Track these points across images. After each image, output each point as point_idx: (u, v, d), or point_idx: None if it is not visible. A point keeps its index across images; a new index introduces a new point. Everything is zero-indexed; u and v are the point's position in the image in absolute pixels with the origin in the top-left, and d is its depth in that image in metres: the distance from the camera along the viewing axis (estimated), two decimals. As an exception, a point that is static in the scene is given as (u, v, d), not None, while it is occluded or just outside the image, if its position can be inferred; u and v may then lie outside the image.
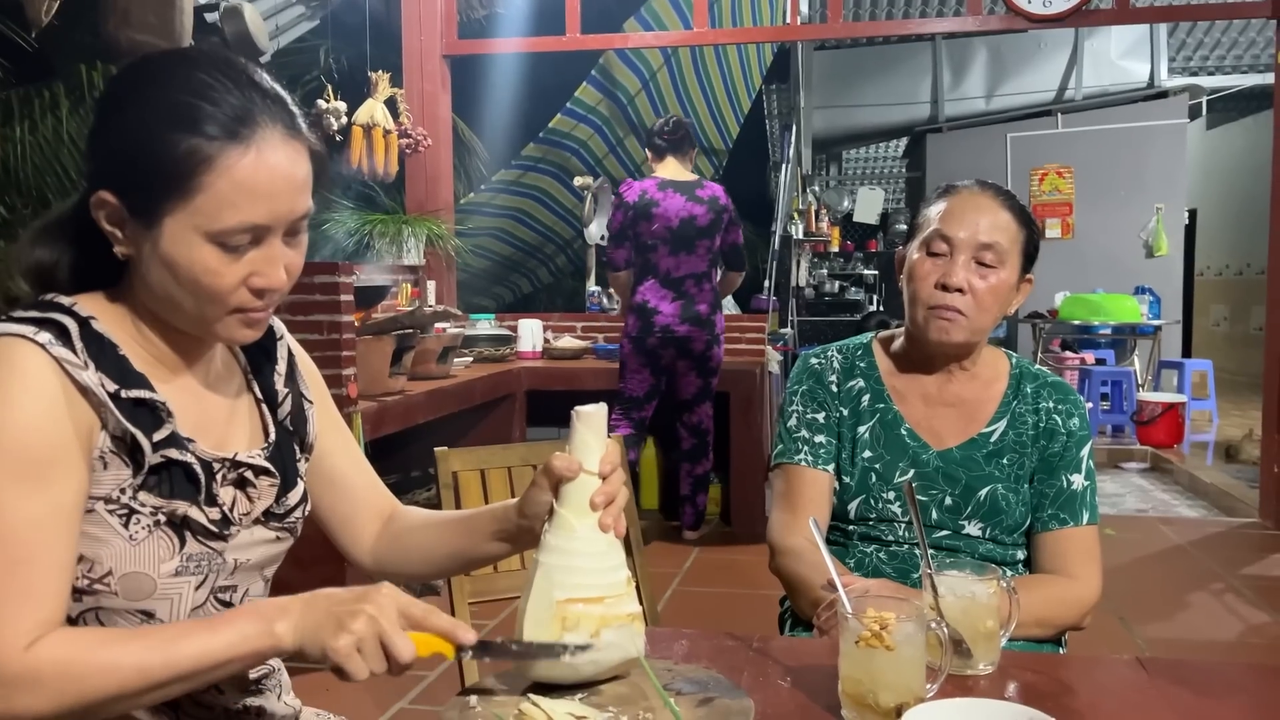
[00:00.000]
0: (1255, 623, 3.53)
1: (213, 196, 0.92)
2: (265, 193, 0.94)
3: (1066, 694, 1.12)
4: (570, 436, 1.04)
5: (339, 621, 0.91)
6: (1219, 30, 9.48)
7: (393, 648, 0.91)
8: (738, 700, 1.00)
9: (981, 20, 5.20)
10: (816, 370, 1.65)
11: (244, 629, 0.92)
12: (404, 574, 1.23)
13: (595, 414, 1.04)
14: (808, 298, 9.93)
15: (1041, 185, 9.31)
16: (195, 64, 0.96)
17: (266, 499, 1.07)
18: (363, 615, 0.91)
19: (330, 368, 3.02)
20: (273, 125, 0.95)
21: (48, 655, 0.88)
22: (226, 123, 0.93)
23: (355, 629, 0.91)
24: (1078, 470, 1.56)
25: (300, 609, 0.93)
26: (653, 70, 7.31)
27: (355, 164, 4.90)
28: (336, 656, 0.90)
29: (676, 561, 4.19)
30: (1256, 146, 7.96)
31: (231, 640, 0.92)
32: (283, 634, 0.92)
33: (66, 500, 0.92)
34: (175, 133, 0.92)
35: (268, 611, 0.94)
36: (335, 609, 0.92)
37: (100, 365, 0.95)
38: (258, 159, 0.93)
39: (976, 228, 1.52)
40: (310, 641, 0.92)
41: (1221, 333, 11.57)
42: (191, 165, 0.92)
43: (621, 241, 4.30)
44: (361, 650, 0.91)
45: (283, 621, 0.93)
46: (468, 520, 1.18)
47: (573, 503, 1.02)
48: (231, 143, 0.92)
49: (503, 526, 1.12)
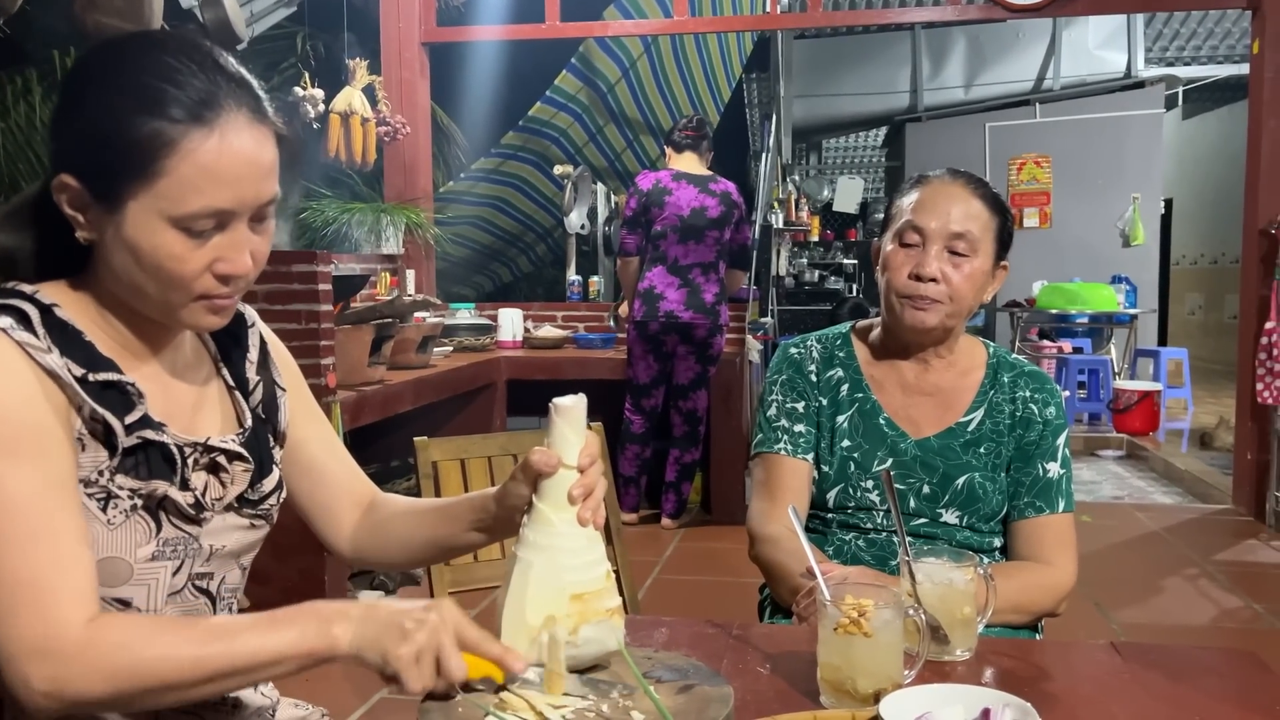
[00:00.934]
0: (1228, 607, 3.58)
1: (176, 180, 0.91)
2: (229, 177, 0.93)
3: (1042, 679, 1.13)
4: (548, 429, 1.03)
5: (403, 631, 0.91)
6: (1195, 20, 9.54)
7: (447, 664, 0.91)
8: (717, 687, 1.00)
9: (960, 10, 5.21)
10: (796, 360, 1.66)
11: (304, 627, 0.92)
12: (383, 562, 1.23)
13: (573, 406, 1.03)
14: (788, 287, 9.94)
15: (1020, 174, 9.36)
16: (160, 47, 0.95)
17: (240, 484, 1.06)
18: (427, 626, 0.91)
19: (309, 357, 3.00)
20: (238, 109, 0.94)
21: (107, 634, 0.88)
22: (191, 106, 0.91)
23: (419, 639, 0.90)
24: (1054, 459, 1.57)
25: (361, 614, 0.93)
26: (633, 59, 7.29)
27: (333, 152, 4.87)
28: (399, 664, 0.90)
29: (657, 549, 4.20)
30: (1231, 136, 8.04)
31: (291, 638, 0.91)
32: (340, 636, 0.92)
33: (64, 473, 0.92)
34: (138, 115, 0.91)
35: (327, 613, 0.93)
36: (398, 618, 0.92)
37: (65, 350, 0.94)
38: (221, 143, 0.92)
39: (948, 217, 1.53)
40: (370, 648, 0.91)
41: (1197, 321, 11.69)
42: (154, 148, 0.90)
43: (634, 228, 4.36)
44: (420, 662, 0.90)
45: (341, 624, 0.92)
46: (446, 508, 1.17)
47: (551, 497, 1.02)
48: (195, 126, 0.91)
49: (481, 516, 1.12)
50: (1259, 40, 4.66)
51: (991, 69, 9.60)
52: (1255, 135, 4.66)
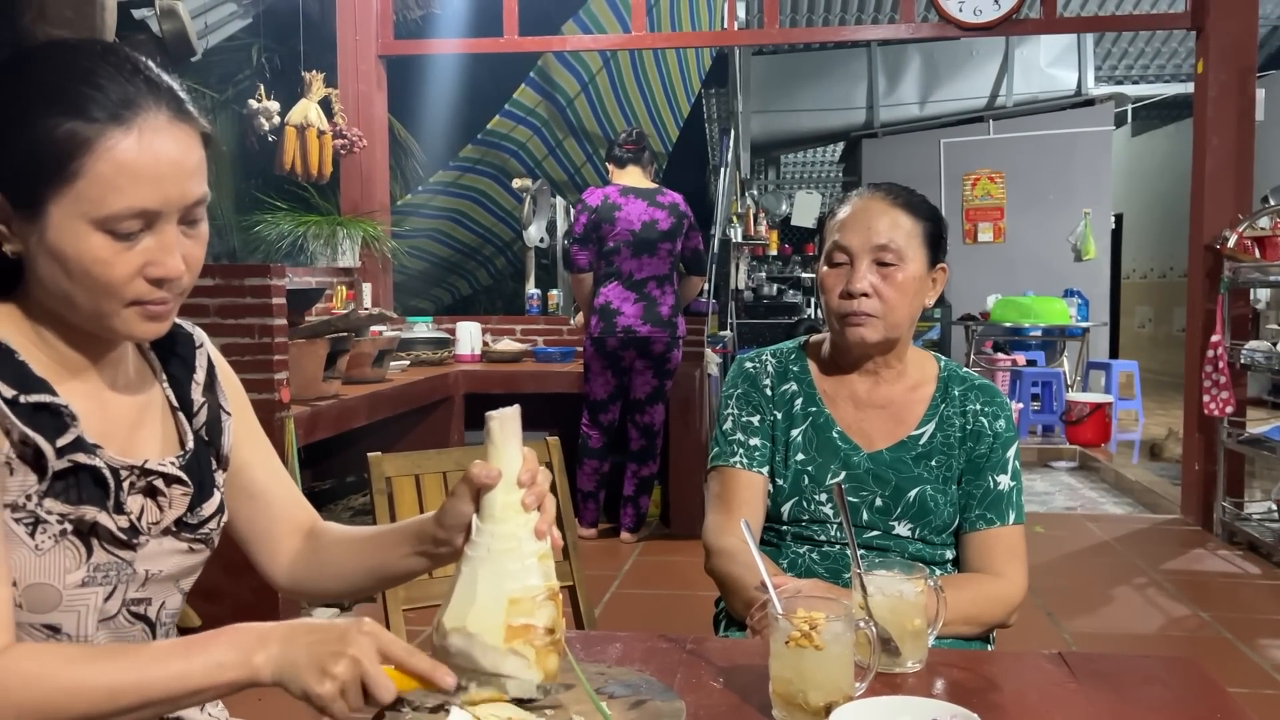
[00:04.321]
0: (1175, 615, 3.64)
1: (95, 180, 0.90)
2: (150, 175, 0.91)
3: (991, 690, 1.15)
4: (486, 442, 0.99)
5: (321, 666, 0.89)
6: (1143, 40, 9.77)
7: (374, 688, 0.89)
8: (669, 702, 1.00)
9: (914, 28, 5.29)
10: (751, 374, 1.68)
11: (220, 657, 0.90)
12: (320, 592, 1.19)
13: (510, 416, 1.00)
14: (746, 300, 10.01)
15: (974, 190, 9.51)
16: (77, 51, 0.94)
17: (178, 508, 1.04)
18: (345, 659, 0.89)
19: (262, 372, 2.97)
20: (157, 109, 0.92)
21: (14, 668, 0.86)
22: (108, 106, 0.90)
23: (338, 673, 0.88)
24: (1004, 471, 1.59)
25: (280, 642, 0.91)
26: (592, 73, 7.32)
27: (288, 165, 4.83)
28: (320, 701, 0.89)
29: (615, 564, 4.19)
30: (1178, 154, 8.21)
31: (207, 668, 0.89)
32: (260, 666, 0.90)
33: None
34: (54, 117, 0.89)
35: (246, 641, 0.91)
36: (317, 649, 0.89)
37: None
38: (140, 141, 0.91)
39: (869, 232, 1.56)
40: (290, 680, 0.90)
41: (1146, 334, 11.91)
42: (70, 148, 0.89)
43: (585, 244, 4.37)
44: (345, 694, 0.89)
45: (261, 653, 0.90)
46: (383, 535, 1.14)
47: (494, 511, 0.98)
48: (112, 125, 0.90)
49: (420, 542, 1.08)
50: (1203, 60, 4.78)
51: (946, 86, 9.76)
52: (1200, 152, 4.77)
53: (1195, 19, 4.80)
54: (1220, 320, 4.55)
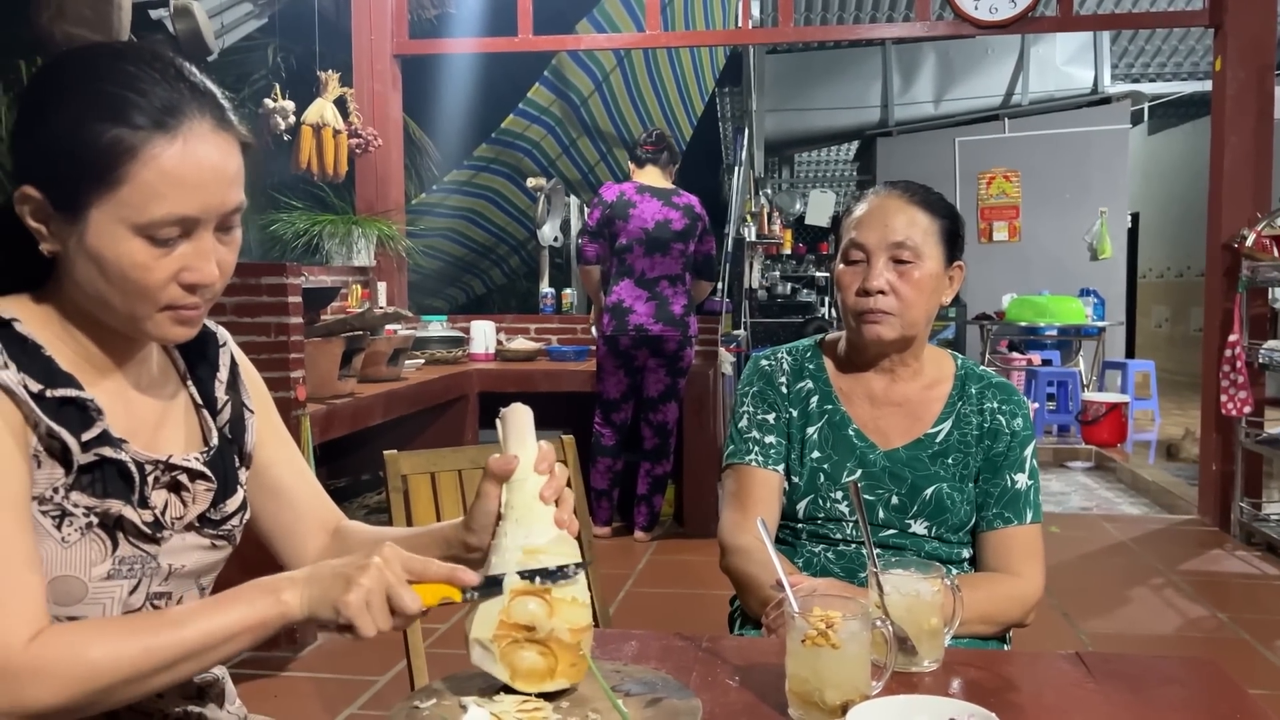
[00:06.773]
0: (1193, 616, 3.62)
1: (138, 187, 0.91)
2: (193, 183, 0.92)
3: (1009, 689, 1.14)
4: (502, 438, 1.03)
5: (347, 579, 0.92)
6: (1160, 38, 9.70)
7: (399, 600, 0.92)
8: (685, 700, 1.00)
9: (930, 26, 5.27)
10: (767, 372, 1.67)
11: (252, 600, 0.93)
12: None
13: (521, 412, 1.03)
14: (760, 300, 9.98)
15: (989, 189, 9.46)
16: (122, 56, 0.94)
17: (201, 504, 1.05)
18: (370, 569, 0.92)
19: (278, 370, 2.98)
20: (201, 117, 0.93)
21: (53, 645, 0.87)
22: (153, 113, 0.91)
23: (363, 583, 0.91)
24: (1021, 470, 1.58)
25: (305, 576, 0.95)
26: (606, 72, 7.31)
27: (304, 164, 4.85)
28: (348, 610, 0.91)
29: (630, 563, 4.19)
30: (1196, 152, 8.15)
31: (241, 613, 0.92)
32: (290, 601, 0.93)
33: (15, 493, 0.90)
34: (100, 123, 0.90)
35: (273, 583, 0.94)
36: (342, 569, 0.93)
37: (23, 366, 0.93)
38: (184, 149, 0.92)
39: (886, 229, 1.56)
40: (319, 603, 0.93)
41: (1163, 334, 11.84)
42: (115, 155, 0.90)
43: (596, 238, 4.39)
44: (370, 606, 0.91)
45: (289, 590, 0.93)
46: (413, 539, 1.14)
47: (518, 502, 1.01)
48: (157, 133, 0.91)
49: (449, 547, 1.09)
50: (1221, 57, 4.74)
51: (961, 84, 9.72)
52: (1218, 151, 4.73)
53: (1213, 16, 4.76)
54: (1238, 319, 4.52)
